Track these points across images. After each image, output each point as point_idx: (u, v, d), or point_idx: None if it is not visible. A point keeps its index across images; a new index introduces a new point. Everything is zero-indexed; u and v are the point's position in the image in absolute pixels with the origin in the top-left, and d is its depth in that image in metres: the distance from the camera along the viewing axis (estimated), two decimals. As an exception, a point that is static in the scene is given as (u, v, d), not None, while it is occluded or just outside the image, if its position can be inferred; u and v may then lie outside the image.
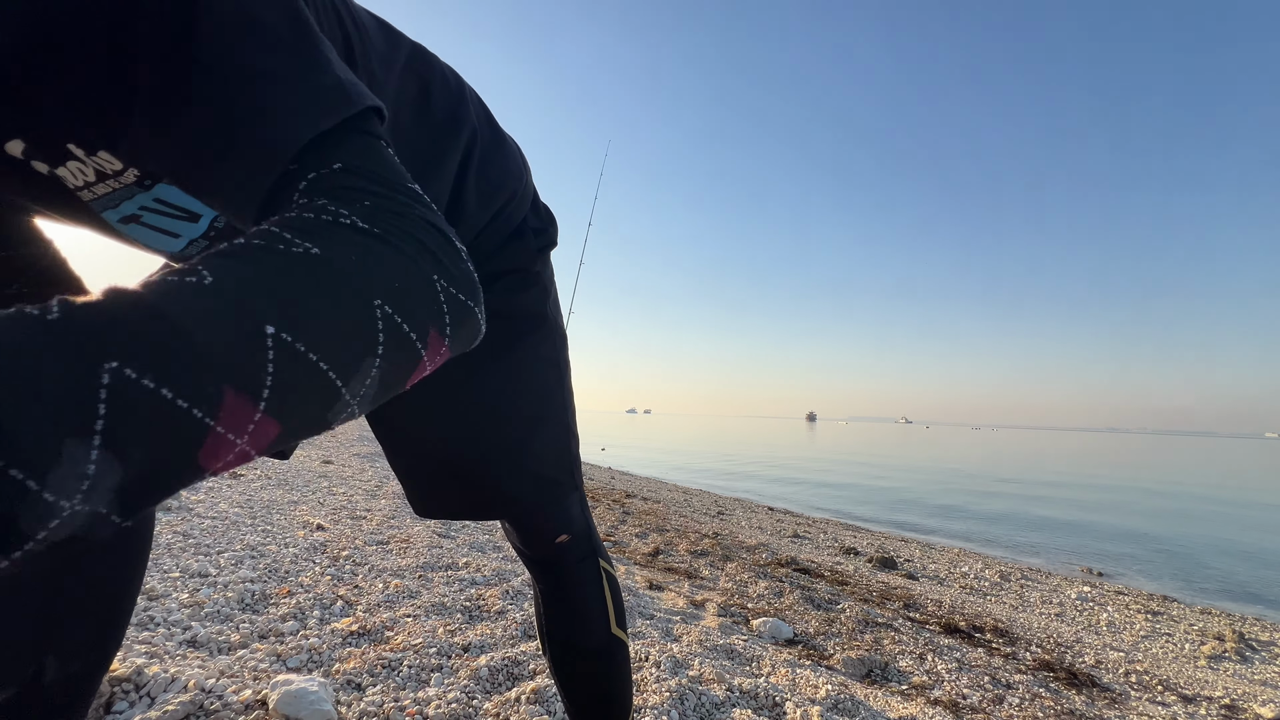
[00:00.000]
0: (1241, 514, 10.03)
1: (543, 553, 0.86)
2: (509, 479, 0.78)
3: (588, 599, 0.87)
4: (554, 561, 0.87)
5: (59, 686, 0.58)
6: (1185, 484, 15.74)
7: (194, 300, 0.26)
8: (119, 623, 0.64)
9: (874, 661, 1.99)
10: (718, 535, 4.77)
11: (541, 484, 0.81)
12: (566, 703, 0.92)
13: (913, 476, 14.70)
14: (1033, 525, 8.04)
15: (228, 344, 0.26)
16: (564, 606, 0.88)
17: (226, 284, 0.27)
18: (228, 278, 0.28)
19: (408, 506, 3.97)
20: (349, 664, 1.45)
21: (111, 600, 0.62)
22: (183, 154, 0.40)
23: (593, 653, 0.88)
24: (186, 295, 0.26)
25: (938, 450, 29.59)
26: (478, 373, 0.76)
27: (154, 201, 0.52)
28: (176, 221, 0.55)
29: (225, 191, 0.40)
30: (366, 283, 0.32)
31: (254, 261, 0.29)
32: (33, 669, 0.55)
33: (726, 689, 1.54)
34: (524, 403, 0.79)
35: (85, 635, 0.59)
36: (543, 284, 0.83)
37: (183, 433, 0.24)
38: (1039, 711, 1.77)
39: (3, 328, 0.21)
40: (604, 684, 0.90)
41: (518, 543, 0.88)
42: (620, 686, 0.91)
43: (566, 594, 0.88)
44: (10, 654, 0.54)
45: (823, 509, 8.69)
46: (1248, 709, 2.14)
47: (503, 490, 0.79)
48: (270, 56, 0.39)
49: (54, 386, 0.21)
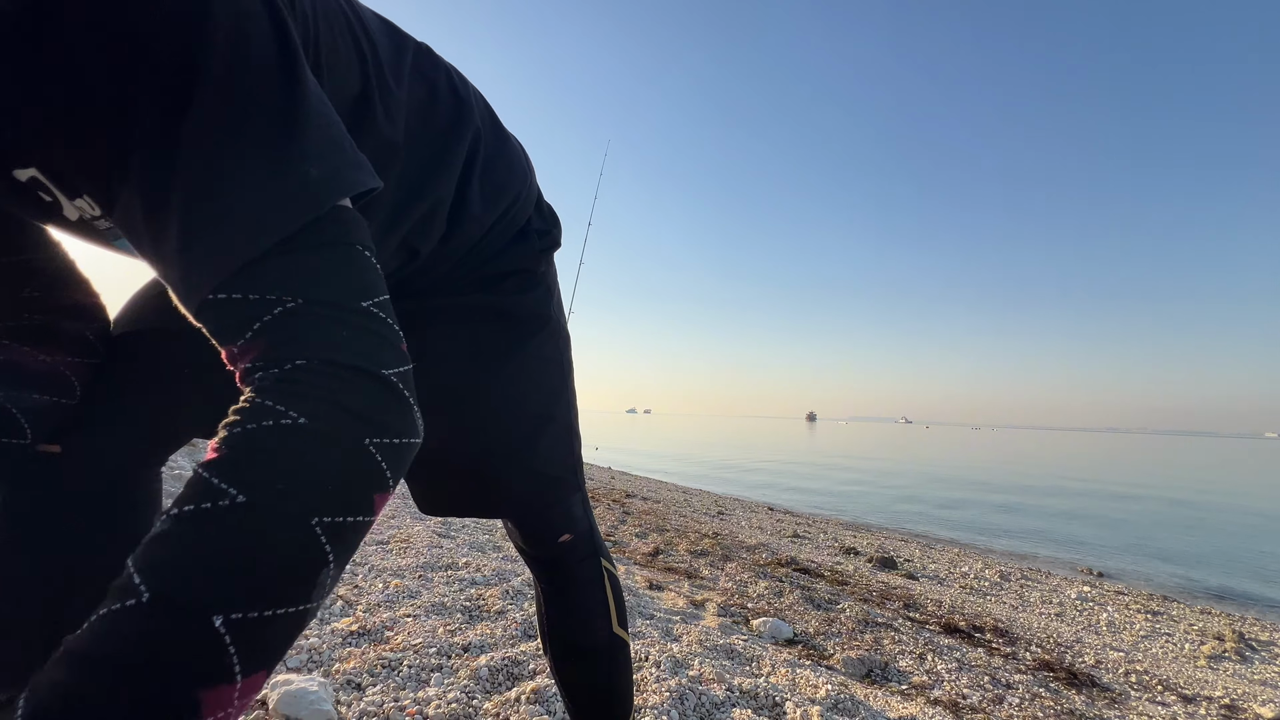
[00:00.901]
0: (1241, 514, 10.03)
1: (545, 552, 0.87)
2: (515, 478, 0.79)
3: (589, 598, 0.88)
4: (556, 560, 0.87)
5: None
6: (1185, 484, 15.75)
7: (141, 624, 0.29)
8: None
9: (874, 661, 1.99)
10: (718, 535, 4.77)
11: (546, 483, 0.81)
12: (567, 702, 0.93)
13: (913, 476, 14.71)
14: (1033, 525, 8.04)
15: (184, 660, 0.29)
16: (566, 606, 0.89)
17: (163, 590, 0.30)
18: (162, 582, 0.30)
19: (408, 506, 3.97)
20: (349, 664, 1.45)
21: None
22: (141, 229, 0.41)
23: (594, 652, 0.89)
24: (129, 624, 0.29)
25: (938, 450, 29.60)
26: (484, 374, 0.77)
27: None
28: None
29: (165, 278, 0.42)
30: (300, 507, 0.34)
31: (181, 543, 0.32)
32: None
33: (726, 689, 1.54)
34: (529, 403, 0.79)
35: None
36: (546, 285, 0.83)
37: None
38: (1039, 711, 1.77)
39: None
40: (605, 683, 0.91)
41: (520, 542, 0.88)
42: (621, 685, 0.92)
43: (568, 593, 0.88)
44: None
45: (823, 509, 8.70)
46: (1248, 709, 2.14)
47: (508, 489, 0.80)
48: (244, 152, 0.39)
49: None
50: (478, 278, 0.77)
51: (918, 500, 10.22)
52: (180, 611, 0.30)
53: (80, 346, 0.63)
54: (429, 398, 0.74)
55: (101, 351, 0.66)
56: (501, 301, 0.77)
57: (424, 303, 0.74)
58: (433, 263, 0.72)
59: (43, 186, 0.45)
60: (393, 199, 0.61)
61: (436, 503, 0.83)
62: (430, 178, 0.65)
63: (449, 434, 0.74)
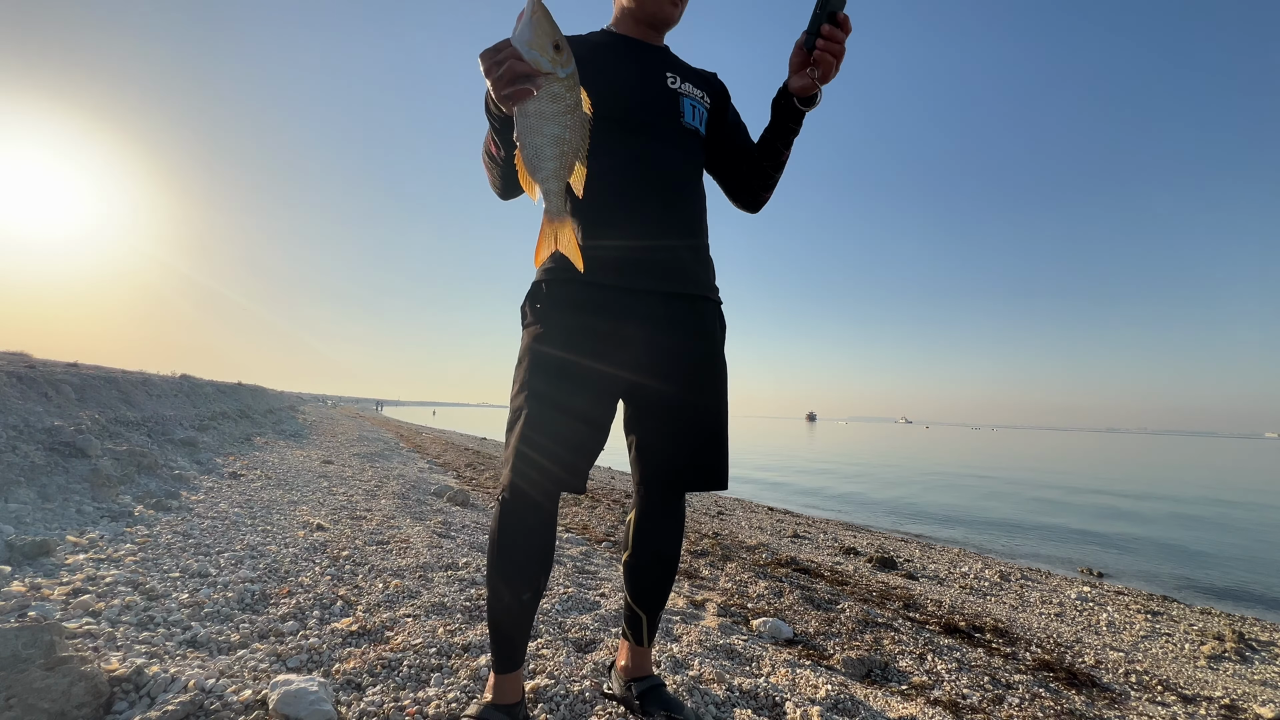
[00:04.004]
0: (1241, 514, 10.03)
1: (684, 489, 1.30)
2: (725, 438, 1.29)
3: (681, 523, 1.35)
4: (680, 495, 1.34)
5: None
6: (1185, 484, 15.75)
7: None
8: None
9: (874, 661, 1.99)
10: (718, 535, 4.77)
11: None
12: (632, 594, 1.35)
13: (913, 476, 14.71)
14: (1033, 525, 8.04)
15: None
16: (666, 526, 1.32)
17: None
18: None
19: (408, 506, 3.97)
20: (349, 664, 1.45)
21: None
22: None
23: (673, 561, 1.35)
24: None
25: (938, 450, 29.60)
26: (717, 361, 1.27)
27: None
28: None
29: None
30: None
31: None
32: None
33: (726, 689, 1.54)
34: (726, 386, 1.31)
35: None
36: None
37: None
38: (1039, 711, 1.77)
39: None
40: (668, 587, 1.37)
41: (667, 475, 1.28)
42: (670, 586, 1.38)
43: (673, 519, 1.33)
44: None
45: (822, 509, 8.70)
46: (1248, 709, 2.14)
47: (727, 449, 1.29)
48: None
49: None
50: None
51: (918, 500, 10.22)
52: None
53: None
54: (692, 373, 1.25)
55: None
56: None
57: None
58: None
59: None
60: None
61: (685, 471, 1.26)
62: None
63: (708, 402, 1.26)
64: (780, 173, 1.31)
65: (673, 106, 1.24)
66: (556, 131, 0.91)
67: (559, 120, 0.91)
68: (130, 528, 2.50)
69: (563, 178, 0.93)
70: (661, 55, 1.30)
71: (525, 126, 0.91)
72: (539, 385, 1.13)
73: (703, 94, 1.30)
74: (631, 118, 1.17)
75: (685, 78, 1.29)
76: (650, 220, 1.17)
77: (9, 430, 3.09)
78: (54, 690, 1.05)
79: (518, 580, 1.14)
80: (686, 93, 1.26)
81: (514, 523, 1.14)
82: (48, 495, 2.63)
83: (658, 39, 1.32)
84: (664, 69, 1.27)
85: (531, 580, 1.15)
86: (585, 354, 1.13)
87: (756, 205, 1.36)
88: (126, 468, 3.42)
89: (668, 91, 1.24)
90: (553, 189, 0.93)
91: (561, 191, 0.94)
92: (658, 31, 1.31)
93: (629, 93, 1.19)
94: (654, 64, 1.26)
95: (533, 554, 1.15)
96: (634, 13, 1.28)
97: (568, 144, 0.92)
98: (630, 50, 1.27)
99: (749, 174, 1.31)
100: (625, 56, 1.24)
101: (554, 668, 1.54)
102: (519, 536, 1.14)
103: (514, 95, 0.87)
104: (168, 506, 2.96)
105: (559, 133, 0.91)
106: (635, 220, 1.16)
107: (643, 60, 1.26)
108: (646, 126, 1.20)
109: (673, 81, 1.26)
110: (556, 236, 0.97)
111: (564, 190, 0.95)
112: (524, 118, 0.91)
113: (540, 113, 0.90)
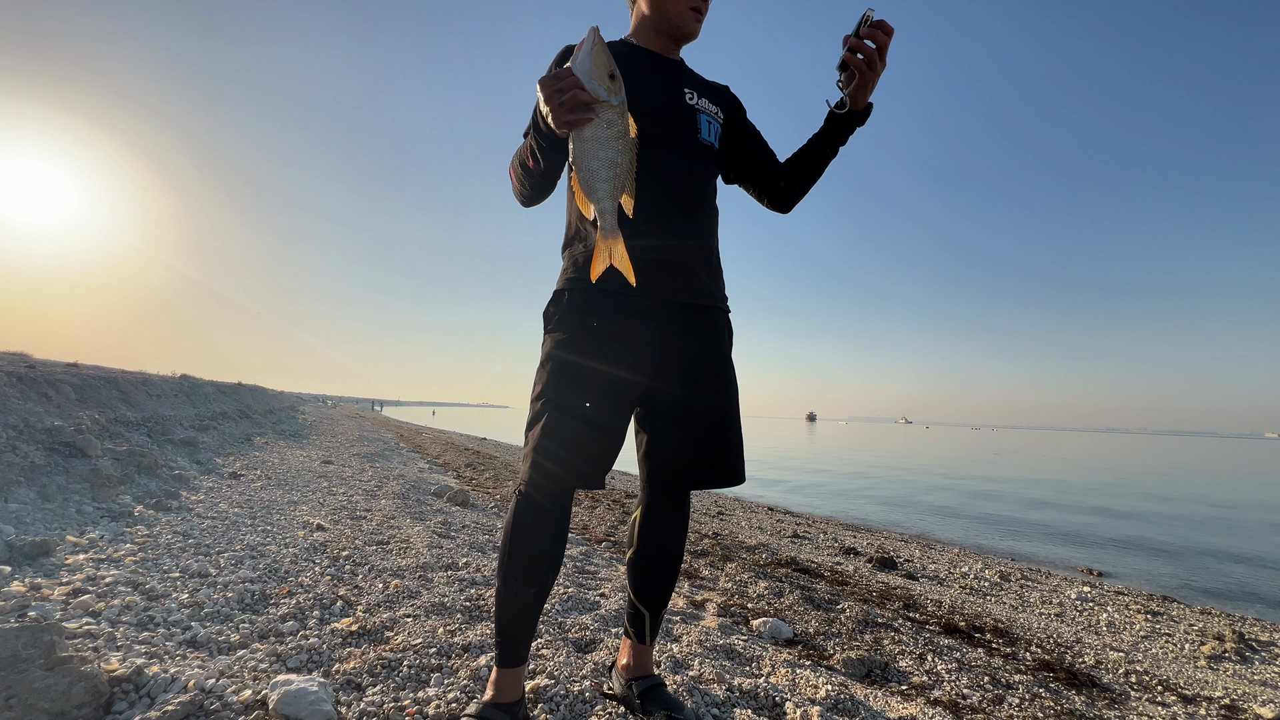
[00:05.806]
0: (1241, 514, 10.03)
1: (691, 487, 1.34)
2: (741, 438, 1.34)
3: (685, 523, 1.40)
4: (686, 493, 1.39)
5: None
6: (1185, 484, 15.75)
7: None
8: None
9: (874, 661, 1.99)
10: (718, 535, 4.77)
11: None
12: (635, 591, 1.38)
13: (913, 476, 14.71)
14: (1033, 525, 8.04)
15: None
16: (671, 522, 1.37)
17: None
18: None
19: (408, 506, 3.97)
20: (349, 664, 1.45)
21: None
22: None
23: (677, 558, 1.39)
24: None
25: (938, 450, 29.60)
26: (727, 365, 1.32)
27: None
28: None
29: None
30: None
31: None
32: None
33: (726, 689, 1.54)
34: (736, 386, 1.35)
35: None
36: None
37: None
38: (1039, 711, 1.77)
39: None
40: (672, 583, 1.40)
41: (677, 475, 1.32)
42: (673, 585, 1.41)
43: (678, 516, 1.37)
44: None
45: (823, 509, 8.70)
46: (1248, 709, 2.14)
47: (739, 447, 1.33)
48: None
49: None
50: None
51: (918, 500, 10.22)
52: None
53: None
54: (704, 375, 1.29)
55: None
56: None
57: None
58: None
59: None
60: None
61: (694, 469, 1.30)
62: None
63: (718, 402, 1.30)
64: (820, 175, 1.35)
65: (690, 122, 1.27)
66: (610, 156, 0.98)
67: (612, 145, 0.98)
68: (130, 528, 2.50)
69: (615, 198, 1.01)
70: (679, 69, 1.33)
71: (581, 150, 0.98)
72: (559, 390, 1.17)
73: (717, 109, 1.34)
74: (651, 132, 1.19)
75: (701, 93, 1.32)
76: (668, 233, 1.21)
77: (9, 430, 3.08)
78: (54, 690, 1.05)
79: (527, 572, 1.17)
80: (703, 109, 1.30)
81: (529, 520, 1.17)
82: (48, 495, 2.63)
83: (675, 52, 1.35)
84: (682, 84, 1.30)
85: (542, 574, 1.19)
86: (604, 360, 1.17)
87: (790, 206, 1.40)
88: (126, 468, 3.42)
89: (685, 107, 1.27)
90: (607, 208, 1.01)
91: (614, 210, 1.02)
92: (676, 45, 1.33)
93: (649, 107, 1.21)
94: (672, 79, 1.30)
95: (544, 549, 1.18)
96: (656, 24, 1.30)
97: (619, 167, 0.99)
98: (650, 64, 1.29)
99: (791, 176, 1.35)
100: (645, 70, 1.27)
101: (554, 668, 1.54)
102: (533, 530, 1.17)
103: (574, 122, 0.95)
104: (168, 506, 2.96)
105: (613, 157, 0.98)
106: (654, 232, 1.19)
107: (662, 75, 1.29)
108: (665, 141, 1.22)
109: (690, 97, 1.29)
110: (611, 252, 1.04)
111: (616, 209, 1.02)
112: (580, 142, 0.98)
113: (596, 138, 0.97)
